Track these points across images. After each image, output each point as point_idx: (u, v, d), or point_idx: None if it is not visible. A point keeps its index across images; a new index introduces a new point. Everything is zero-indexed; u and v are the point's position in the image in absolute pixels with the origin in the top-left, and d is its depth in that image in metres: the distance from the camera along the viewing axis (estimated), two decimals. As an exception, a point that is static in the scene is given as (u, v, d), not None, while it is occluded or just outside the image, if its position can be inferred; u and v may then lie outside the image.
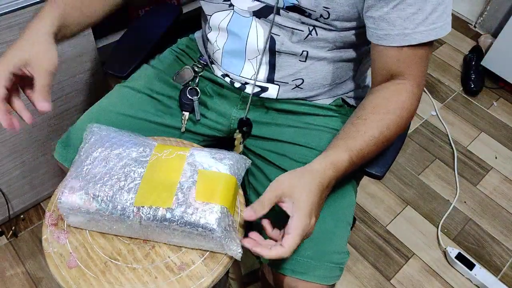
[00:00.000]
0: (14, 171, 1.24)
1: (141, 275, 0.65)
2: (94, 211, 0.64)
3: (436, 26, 0.69)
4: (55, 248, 0.67)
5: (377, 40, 0.72)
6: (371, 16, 0.70)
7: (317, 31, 0.76)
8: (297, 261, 0.73)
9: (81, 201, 0.64)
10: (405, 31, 0.69)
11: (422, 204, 1.58)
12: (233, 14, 0.80)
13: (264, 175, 0.84)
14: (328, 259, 0.74)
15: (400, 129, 0.73)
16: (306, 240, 0.73)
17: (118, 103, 0.88)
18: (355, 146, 0.69)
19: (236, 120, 0.89)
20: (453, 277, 1.40)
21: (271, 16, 0.76)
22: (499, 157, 1.75)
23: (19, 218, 1.41)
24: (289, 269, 0.74)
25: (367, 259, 1.42)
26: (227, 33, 0.82)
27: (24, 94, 0.67)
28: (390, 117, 0.71)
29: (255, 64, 0.83)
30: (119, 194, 0.64)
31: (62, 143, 0.86)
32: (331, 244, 0.75)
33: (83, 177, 0.66)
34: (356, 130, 0.71)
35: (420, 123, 1.85)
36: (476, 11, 2.24)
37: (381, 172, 0.79)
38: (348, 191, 0.82)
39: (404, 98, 0.72)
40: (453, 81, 2.04)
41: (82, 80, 1.21)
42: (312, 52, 0.79)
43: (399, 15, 0.68)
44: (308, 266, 0.73)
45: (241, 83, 0.86)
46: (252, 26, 0.79)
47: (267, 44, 0.79)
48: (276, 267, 0.76)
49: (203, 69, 0.93)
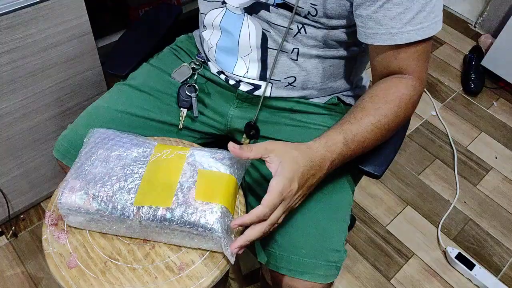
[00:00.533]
0: (14, 171, 1.24)
1: (141, 275, 0.65)
2: (94, 211, 0.64)
3: (423, 25, 0.68)
4: (55, 248, 0.67)
5: (365, 39, 0.73)
6: (360, 15, 0.71)
7: (306, 29, 0.76)
8: (293, 259, 0.73)
9: (81, 201, 0.64)
10: (391, 30, 0.69)
11: (422, 204, 1.58)
12: (225, 11, 0.81)
13: (260, 174, 0.84)
14: (324, 258, 0.73)
15: (398, 119, 0.73)
16: (301, 238, 0.74)
17: (117, 101, 0.89)
18: (351, 129, 0.69)
19: (232, 119, 0.90)
20: (453, 277, 1.40)
21: (261, 12, 0.76)
22: (499, 157, 1.75)
23: (19, 218, 1.41)
24: (285, 268, 0.74)
25: (367, 259, 1.42)
26: (220, 30, 0.83)
27: None
28: (388, 106, 0.71)
29: (247, 61, 0.83)
30: (119, 194, 0.64)
31: (62, 141, 0.86)
32: (327, 242, 0.75)
33: (83, 178, 0.66)
34: (353, 116, 0.71)
35: (420, 123, 1.85)
36: (476, 11, 2.24)
37: (380, 171, 0.79)
38: (345, 190, 0.82)
39: (404, 90, 0.72)
40: (453, 81, 2.04)
41: (82, 80, 1.21)
42: (302, 49, 0.79)
43: (385, 14, 0.68)
44: (303, 265, 0.73)
45: (236, 80, 0.87)
46: (244, 22, 0.79)
47: (260, 41, 0.79)
48: (273, 266, 0.76)
49: (201, 66, 0.93)
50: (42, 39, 1.04)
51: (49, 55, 1.08)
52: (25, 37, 1.01)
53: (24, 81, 1.08)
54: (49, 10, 1.01)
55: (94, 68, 1.21)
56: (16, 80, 1.06)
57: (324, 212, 0.77)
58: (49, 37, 1.05)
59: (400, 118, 0.73)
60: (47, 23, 1.03)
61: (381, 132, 0.71)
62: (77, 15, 1.07)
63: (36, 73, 1.09)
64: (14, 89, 1.08)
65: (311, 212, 0.76)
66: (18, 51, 1.02)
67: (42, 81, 1.12)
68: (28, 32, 1.00)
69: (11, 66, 1.03)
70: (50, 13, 1.01)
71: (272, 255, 0.76)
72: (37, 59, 1.07)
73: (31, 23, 0.99)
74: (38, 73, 1.09)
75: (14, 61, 1.03)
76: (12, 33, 0.98)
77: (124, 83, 0.92)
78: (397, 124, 0.73)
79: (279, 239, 0.75)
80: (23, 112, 1.14)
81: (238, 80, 0.86)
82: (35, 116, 1.17)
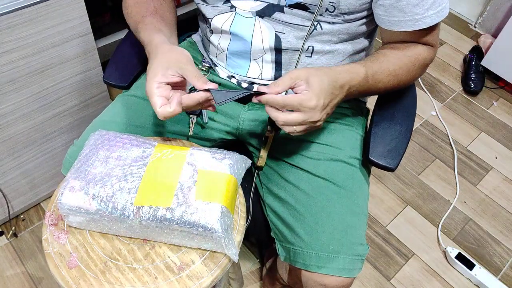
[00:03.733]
0: (14, 171, 1.24)
1: (141, 275, 0.65)
2: (94, 211, 0.64)
3: (441, 7, 0.73)
4: (55, 248, 0.67)
5: (389, 26, 0.76)
6: (382, 5, 0.73)
7: (321, 25, 0.77)
8: (321, 256, 0.74)
9: (81, 201, 0.64)
10: (415, 16, 0.73)
11: (422, 204, 1.58)
12: (235, 15, 0.79)
13: (277, 174, 0.84)
14: (351, 252, 0.75)
15: (410, 76, 0.79)
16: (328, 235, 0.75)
17: (123, 113, 0.87)
18: (372, 66, 0.74)
19: (244, 121, 0.89)
20: (453, 277, 1.40)
21: (275, 14, 0.76)
22: (499, 157, 1.75)
23: (19, 218, 1.41)
24: (314, 265, 0.75)
25: (367, 259, 1.42)
26: (230, 35, 0.82)
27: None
28: (405, 60, 0.77)
29: (260, 64, 0.83)
30: (119, 194, 0.64)
31: (69, 158, 0.85)
32: (352, 236, 0.76)
33: (83, 178, 0.66)
34: (375, 58, 0.77)
35: (420, 123, 1.85)
36: (476, 11, 2.24)
37: (394, 164, 0.81)
38: (363, 183, 0.83)
39: (420, 50, 0.79)
40: (453, 81, 2.04)
41: (82, 80, 1.21)
42: (317, 46, 0.79)
43: (409, 2, 0.72)
44: (333, 261, 0.74)
45: (248, 83, 0.86)
46: (256, 26, 0.79)
47: (273, 43, 0.79)
48: (301, 265, 0.77)
49: (207, 72, 0.92)
50: (42, 39, 1.04)
51: (49, 55, 1.08)
52: (25, 37, 1.01)
53: (24, 81, 1.08)
54: (49, 10, 1.01)
55: (94, 68, 1.21)
56: (16, 80, 1.06)
57: (347, 207, 0.78)
58: (49, 37, 1.05)
59: (412, 75, 0.79)
60: (47, 23, 1.03)
61: (394, 81, 0.77)
62: (77, 15, 1.07)
63: (36, 73, 1.09)
64: (14, 89, 1.08)
65: (334, 208, 0.77)
66: (18, 51, 1.02)
67: (42, 81, 1.12)
68: (28, 32, 1.00)
69: (11, 66, 1.03)
70: (50, 13, 1.01)
71: (298, 253, 0.77)
72: (37, 59, 1.07)
73: (31, 23, 0.99)
74: (38, 73, 1.09)
75: (14, 61, 1.03)
76: (12, 33, 0.98)
77: (129, 95, 0.90)
78: (407, 79, 0.80)
79: (305, 237, 0.76)
80: (23, 112, 1.14)
81: (251, 82, 0.86)
82: (35, 116, 1.17)
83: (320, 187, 0.79)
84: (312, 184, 0.80)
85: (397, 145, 0.82)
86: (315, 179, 0.80)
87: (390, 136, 0.83)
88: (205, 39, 0.91)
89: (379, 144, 0.82)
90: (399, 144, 0.83)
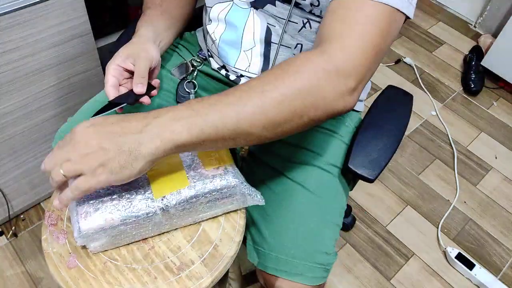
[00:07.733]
0: (14, 171, 1.24)
1: (140, 275, 0.65)
2: (119, 223, 0.62)
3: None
4: (54, 248, 0.67)
5: None
6: None
7: (311, 24, 0.76)
8: (281, 259, 0.73)
9: (102, 220, 0.62)
10: None
11: (422, 204, 1.58)
12: (232, 5, 0.81)
13: (251, 171, 0.84)
14: (313, 259, 0.73)
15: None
16: (291, 239, 0.74)
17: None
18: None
19: None
20: (453, 277, 1.40)
21: (267, 6, 0.77)
22: (499, 157, 1.75)
23: (19, 218, 1.41)
24: (273, 267, 0.74)
25: (367, 259, 1.42)
26: (225, 23, 0.83)
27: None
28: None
29: (249, 55, 0.83)
30: (133, 197, 0.64)
31: (62, 134, 0.86)
32: (317, 244, 0.75)
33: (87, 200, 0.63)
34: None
35: (420, 123, 1.85)
36: (476, 11, 2.24)
37: (373, 175, 0.76)
38: (338, 193, 0.82)
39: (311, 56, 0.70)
40: (453, 81, 2.04)
41: (82, 80, 1.21)
42: (306, 45, 0.79)
43: None
44: (291, 265, 0.73)
45: (236, 75, 0.86)
46: (249, 16, 0.79)
47: (264, 34, 0.79)
48: (261, 266, 0.76)
49: (201, 63, 0.93)
50: (42, 39, 1.04)
51: (49, 55, 1.08)
52: (25, 37, 1.01)
53: (24, 81, 1.08)
54: (49, 10, 1.01)
55: (94, 68, 1.21)
56: (16, 80, 1.06)
57: (316, 213, 0.76)
58: (49, 37, 1.05)
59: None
60: (47, 23, 1.03)
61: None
62: (77, 15, 1.07)
63: (36, 73, 1.09)
64: (14, 89, 1.08)
65: (302, 214, 0.76)
66: (18, 51, 1.02)
67: (42, 81, 1.12)
68: (28, 32, 1.01)
69: (11, 66, 1.03)
70: (50, 13, 1.01)
71: (261, 254, 0.76)
72: (37, 59, 1.07)
73: (31, 23, 1.00)
74: (38, 73, 1.10)
75: (14, 61, 1.03)
76: (12, 33, 0.98)
77: None
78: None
79: (269, 239, 0.75)
80: (23, 112, 1.14)
81: (239, 75, 0.86)
82: (35, 116, 1.17)
83: (290, 190, 0.79)
84: (283, 186, 0.80)
85: (380, 156, 0.79)
86: (287, 181, 0.80)
87: (375, 146, 0.80)
88: (205, 29, 0.92)
89: (361, 153, 0.79)
90: (382, 155, 0.79)
